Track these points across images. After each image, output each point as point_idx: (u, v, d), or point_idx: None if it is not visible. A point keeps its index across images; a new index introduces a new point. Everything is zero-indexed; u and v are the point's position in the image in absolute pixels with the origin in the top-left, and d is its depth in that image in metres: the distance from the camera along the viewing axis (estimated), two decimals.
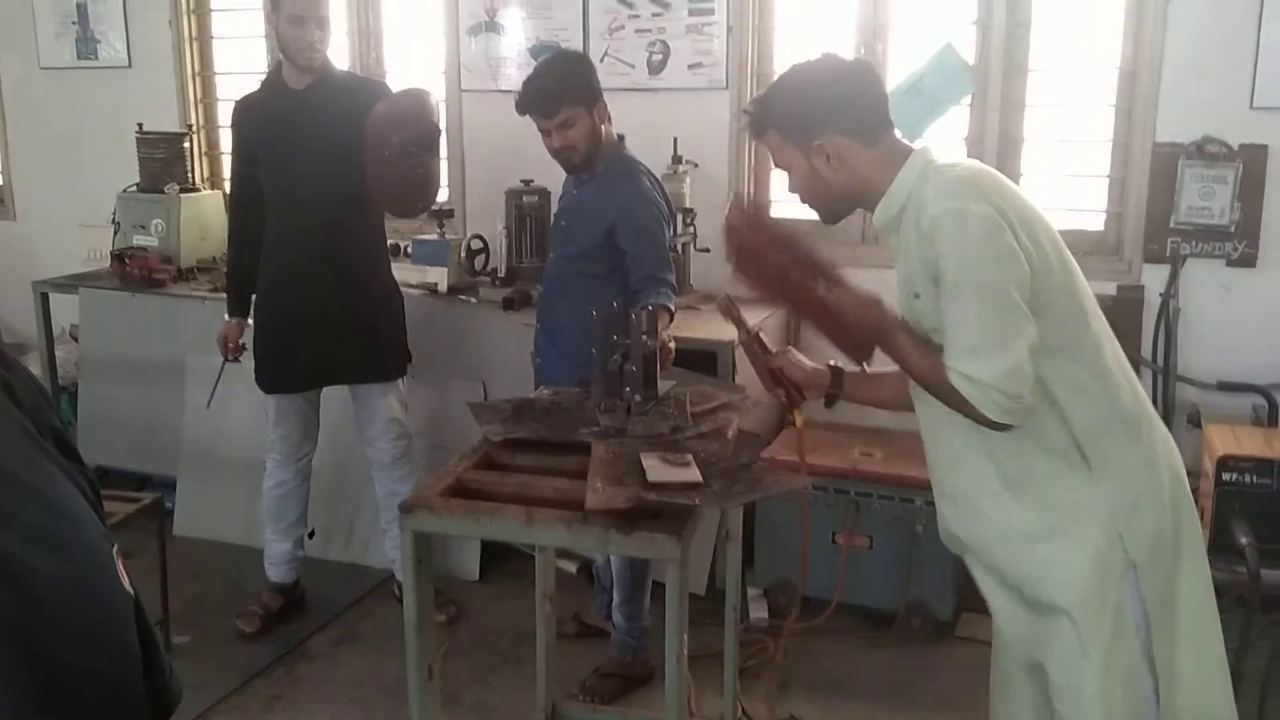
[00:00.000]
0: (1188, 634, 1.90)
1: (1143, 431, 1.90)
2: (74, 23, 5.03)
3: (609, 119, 3.08)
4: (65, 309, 4.65)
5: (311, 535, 3.79)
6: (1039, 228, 1.84)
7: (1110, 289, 3.59)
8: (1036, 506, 1.88)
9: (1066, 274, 1.87)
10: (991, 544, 1.95)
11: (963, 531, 2.00)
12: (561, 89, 2.96)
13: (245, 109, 3.42)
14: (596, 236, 3.02)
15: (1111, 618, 1.84)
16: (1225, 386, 3.55)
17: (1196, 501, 2.02)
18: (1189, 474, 2.00)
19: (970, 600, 2.08)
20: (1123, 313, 3.51)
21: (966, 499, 1.97)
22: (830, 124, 1.90)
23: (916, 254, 1.84)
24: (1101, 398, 1.86)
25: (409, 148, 3.24)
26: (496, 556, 3.86)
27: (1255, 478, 2.87)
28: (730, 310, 2.23)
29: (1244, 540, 2.77)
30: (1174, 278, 3.60)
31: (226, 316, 3.52)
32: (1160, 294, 3.62)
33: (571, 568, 3.81)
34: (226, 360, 3.55)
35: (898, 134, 1.97)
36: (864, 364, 2.12)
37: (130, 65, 4.99)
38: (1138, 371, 2.18)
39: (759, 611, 3.55)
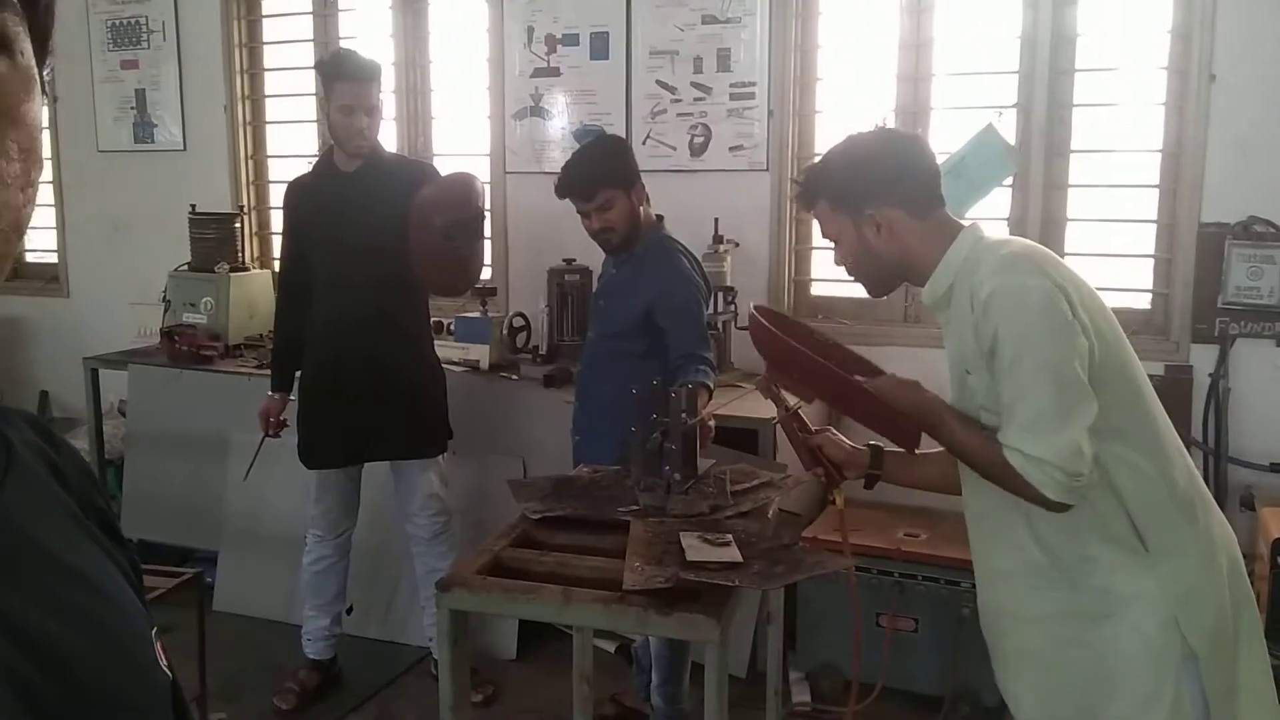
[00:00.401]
0: (1247, 717, 1.83)
1: (1199, 514, 1.85)
2: (132, 108, 5.20)
3: (647, 200, 3.12)
4: (114, 385, 4.73)
5: (350, 612, 3.78)
6: (1094, 304, 1.82)
7: (1158, 369, 3.54)
8: (1092, 592, 1.82)
9: (1122, 352, 1.84)
10: (1039, 629, 1.90)
11: (1009, 618, 1.96)
12: (599, 173, 3.01)
13: (296, 191, 3.51)
14: (635, 315, 3.03)
15: (1167, 706, 1.77)
16: (1279, 468, 3.47)
17: (1251, 586, 1.96)
18: (1244, 557, 1.95)
19: None
20: (1172, 393, 3.46)
21: (1016, 584, 1.93)
22: (883, 194, 1.90)
23: (970, 331, 1.81)
24: (1158, 480, 1.81)
25: (452, 230, 3.29)
26: (534, 635, 3.82)
27: None
28: (770, 388, 2.22)
29: None
30: (1223, 358, 3.55)
31: (270, 392, 3.56)
32: (1209, 374, 3.57)
33: (610, 648, 3.76)
34: (267, 435, 3.58)
35: (948, 211, 1.97)
36: (914, 450, 2.03)
37: (185, 149, 5.13)
38: (1189, 453, 2.14)
39: (801, 695, 3.48)
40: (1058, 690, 1.89)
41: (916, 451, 2.05)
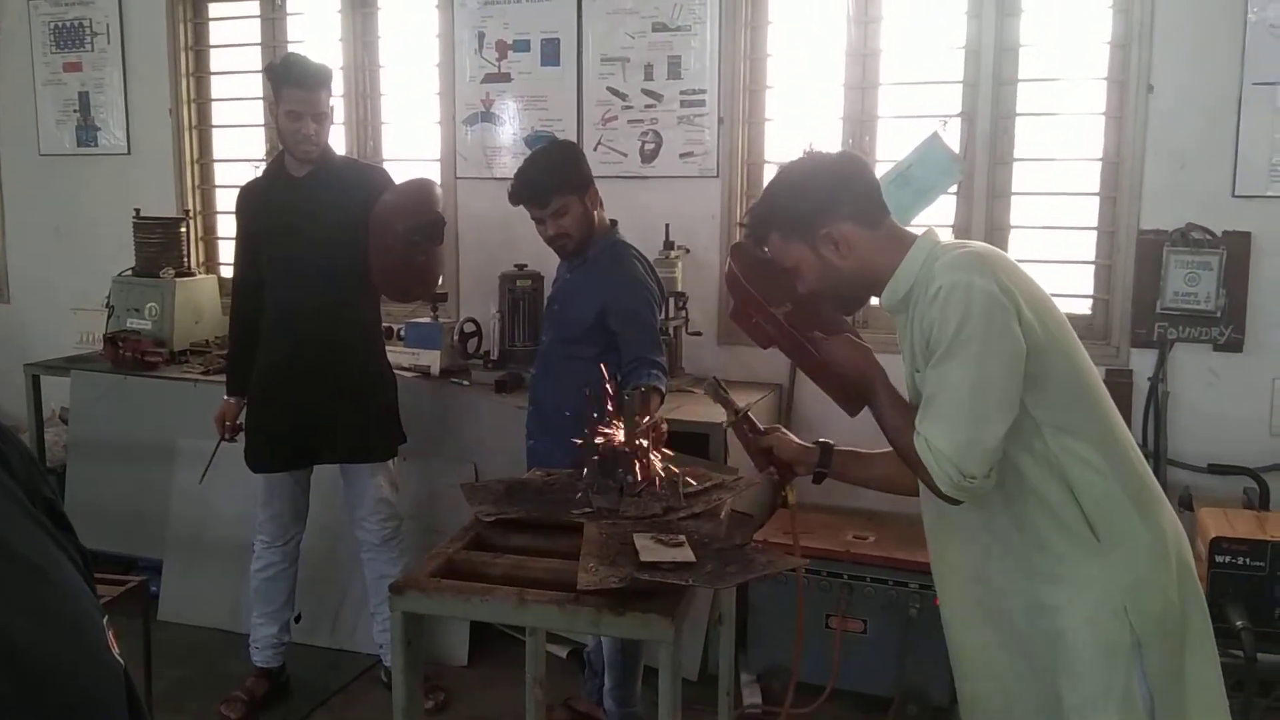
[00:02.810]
0: (1196, 713, 1.88)
1: (1150, 510, 1.91)
2: (75, 111, 5.13)
3: (600, 204, 3.13)
4: (56, 392, 4.65)
5: (298, 619, 3.74)
6: (1043, 306, 1.87)
7: (1099, 374, 3.60)
8: (1044, 581, 1.87)
9: (1072, 351, 1.90)
10: (993, 622, 1.93)
11: (965, 615, 1.99)
12: (553, 179, 3.01)
13: (247, 195, 3.48)
14: (588, 319, 3.04)
15: (1119, 694, 1.82)
16: (1216, 469, 3.56)
17: None
18: None
19: None
20: (1112, 396, 3.51)
21: (970, 580, 1.96)
22: (831, 212, 1.92)
23: (919, 328, 1.86)
24: (1109, 473, 1.86)
25: (413, 236, 3.29)
26: (486, 641, 3.81)
27: (1248, 560, 2.87)
28: (718, 393, 2.25)
29: (1239, 623, 2.76)
30: (1162, 362, 3.63)
31: (226, 396, 3.52)
32: (1149, 378, 3.65)
33: (562, 652, 3.76)
34: (223, 439, 3.54)
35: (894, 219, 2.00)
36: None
37: (129, 152, 5.06)
38: None
39: (752, 697, 3.49)
40: (1016, 684, 1.93)
41: (861, 451, 2.08)
